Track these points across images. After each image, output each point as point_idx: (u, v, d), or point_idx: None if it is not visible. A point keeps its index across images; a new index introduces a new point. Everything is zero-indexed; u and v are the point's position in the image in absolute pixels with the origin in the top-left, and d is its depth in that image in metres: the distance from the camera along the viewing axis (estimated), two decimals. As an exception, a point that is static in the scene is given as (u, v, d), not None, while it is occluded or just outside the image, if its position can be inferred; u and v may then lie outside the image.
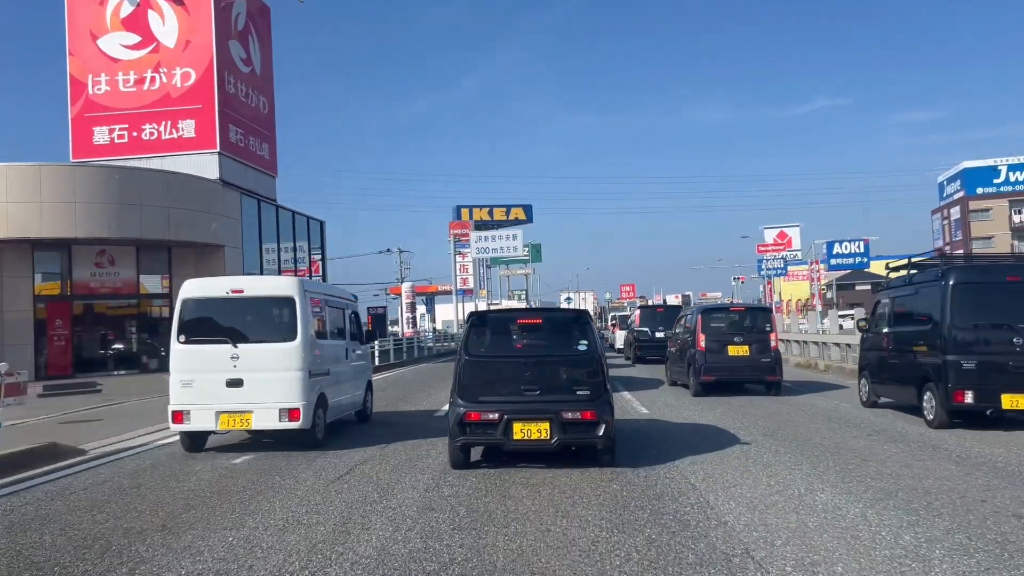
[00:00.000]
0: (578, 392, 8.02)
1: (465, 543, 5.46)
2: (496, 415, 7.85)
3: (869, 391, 13.18)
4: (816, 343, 25.61)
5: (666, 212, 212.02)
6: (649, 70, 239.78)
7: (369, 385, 12.86)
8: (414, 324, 39.72)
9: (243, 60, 28.22)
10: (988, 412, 10.48)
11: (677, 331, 18.30)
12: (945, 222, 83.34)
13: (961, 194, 79.47)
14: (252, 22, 29.18)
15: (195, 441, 9.89)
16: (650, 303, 61.77)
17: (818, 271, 61.90)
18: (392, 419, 12.74)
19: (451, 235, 40.87)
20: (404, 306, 41.48)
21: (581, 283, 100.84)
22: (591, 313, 11.68)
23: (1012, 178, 77.93)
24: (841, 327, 28.39)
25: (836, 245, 69.88)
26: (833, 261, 68.08)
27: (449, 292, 46.13)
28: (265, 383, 9.49)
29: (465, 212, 53.50)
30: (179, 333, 9.87)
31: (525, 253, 52.29)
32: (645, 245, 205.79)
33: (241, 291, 10.08)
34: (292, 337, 9.64)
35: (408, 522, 6.05)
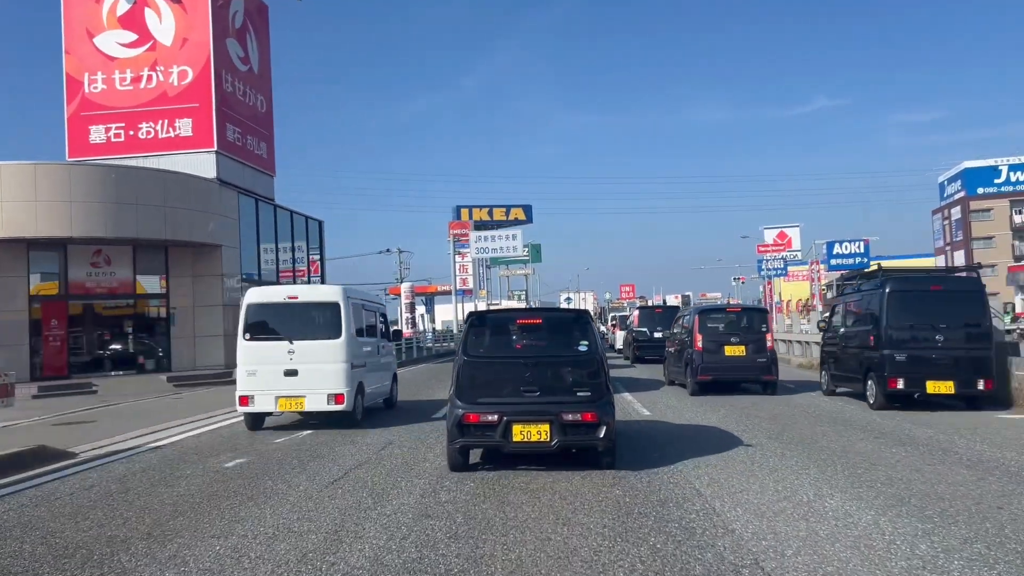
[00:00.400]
0: (579, 393, 7.86)
1: (462, 553, 5.23)
2: (495, 416, 7.68)
3: (828, 381, 15.38)
4: (818, 344, 25.37)
5: (666, 212, 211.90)
6: (649, 70, 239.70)
7: (395, 377, 14.66)
8: (413, 324, 39.51)
9: (241, 58, 27.98)
10: (916, 395, 12.65)
11: (675, 331, 18.45)
12: (946, 222, 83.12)
13: (962, 194, 79.25)
14: (250, 20, 28.95)
15: (256, 421, 11.74)
16: (650, 303, 61.82)
17: (818, 271, 61.69)
18: (391, 422, 12.51)
19: (451, 235, 40.66)
20: (403, 306, 41.25)
21: (581, 283, 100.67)
22: (591, 313, 11.47)
23: (1013, 178, 77.71)
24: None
25: (836, 245, 69.63)
26: (833, 261, 67.78)
27: (448, 292, 45.90)
28: (316, 373, 11.31)
29: (465, 212, 53.31)
30: (244, 332, 11.71)
31: (525, 253, 52.10)
32: (645, 245, 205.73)
33: (295, 297, 12.12)
34: (337, 335, 11.55)
35: (403, 530, 5.83)
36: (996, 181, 77.88)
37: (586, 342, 8.34)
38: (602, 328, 49.20)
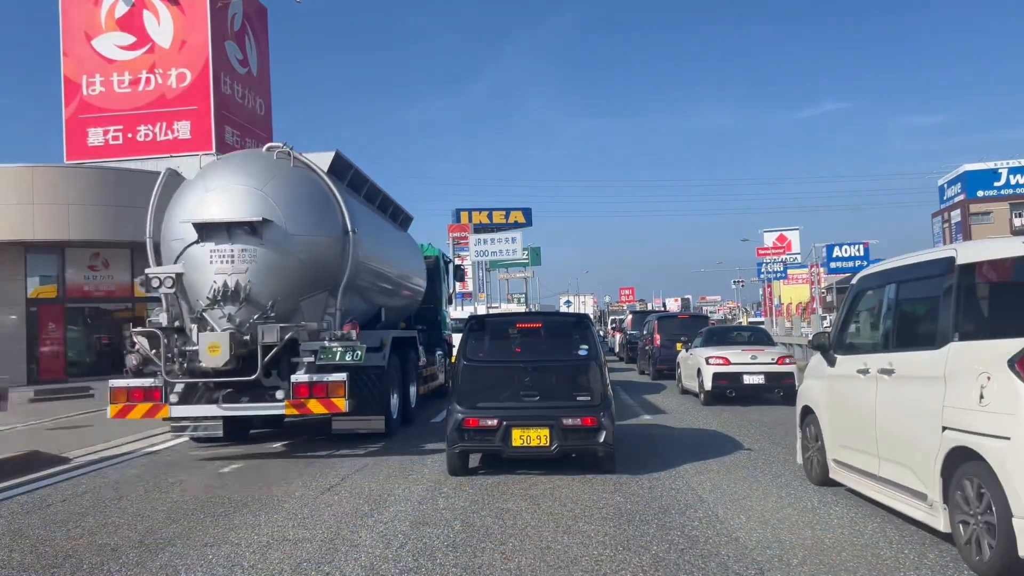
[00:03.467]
0: (578, 398, 7.83)
1: (460, 562, 5.12)
2: (495, 421, 7.63)
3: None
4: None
5: (667, 215, 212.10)
6: (656, 74, 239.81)
7: None
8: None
9: (239, 61, 27.89)
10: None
11: (644, 332, 23.73)
12: (945, 225, 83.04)
13: (962, 197, 79.16)
14: (249, 23, 28.85)
15: None
16: (650, 308, 62.24)
17: (818, 275, 61.47)
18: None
19: (450, 238, 40.58)
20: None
21: (581, 286, 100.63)
22: (591, 317, 11.49)
23: (1013, 181, 77.63)
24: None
25: (836, 248, 69.52)
26: (833, 264, 67.71)
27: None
28: None
29: (464, 215, 53.29)
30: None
31: (524, 256, 51.99)
32: (646, 248, 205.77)
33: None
34: None
35: (400, 538, 5.71)
36: (996, 184, 77.74)
37: (586, 346, 8.31)
38: (601, 332, 49.27)
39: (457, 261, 36.81)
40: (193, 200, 9.77)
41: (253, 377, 9.20)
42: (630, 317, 32.81)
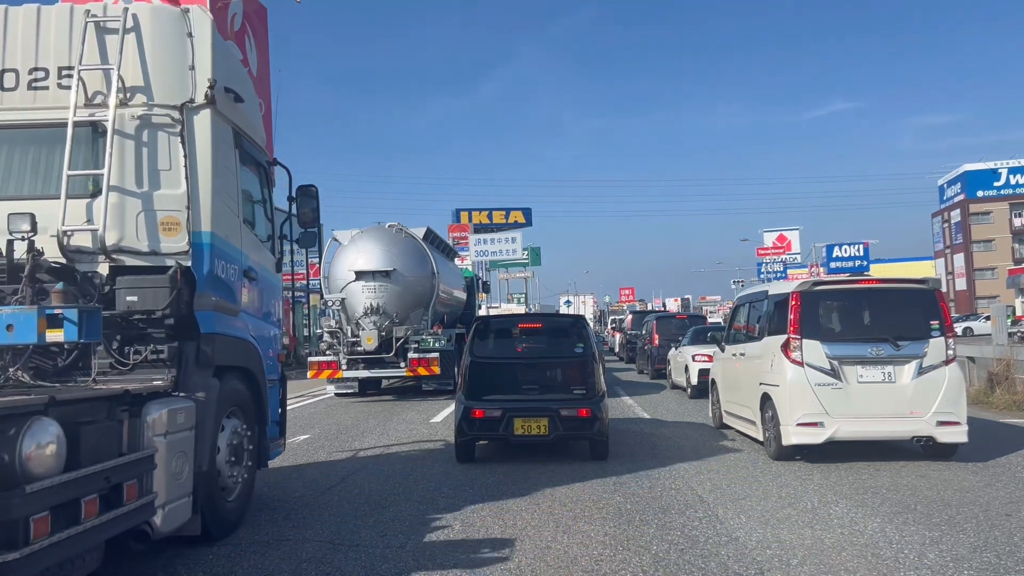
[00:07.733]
0: (575, 391, 8.51)
1: (460, 562, 5.12)
2: (499, 412, 8.29)
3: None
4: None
5: (668, 215, 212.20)
6: (661, 74, 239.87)
7: None
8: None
9: (239, 61, 27.90)
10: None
11: (642, 332, 24.42)
12: (945, 225, 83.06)
13: (961, 197, 79.20)
14: (248, 23, 28.75)
15: None
16: (650, 308, 62.37)
17: (818, 275, 61.45)
18: (390, 427, 12.39)
19: (450, 238, 40.58)
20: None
21: (581, 286, 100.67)
22: (589, 318, 11.80)
23: (1012, 181, 77.65)
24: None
25: (836, 248, 69.54)
26: (833, 264, 67.70)
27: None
28: None
29: (464, 215, 53.26)
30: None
31: (524, 256, 52.03)
32: (646, 248, 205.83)
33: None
34: None
35: (400, 538, 5.71)
36: (996, 184, 77.80)
37: (582, 345, 8.99)
38: (599, 330, 49.31)
39: (458, 261, 37.02)
40: (351, 257, 16.28)
41: (391, 355, 15.67)
42: (630, 317, 33.28)
